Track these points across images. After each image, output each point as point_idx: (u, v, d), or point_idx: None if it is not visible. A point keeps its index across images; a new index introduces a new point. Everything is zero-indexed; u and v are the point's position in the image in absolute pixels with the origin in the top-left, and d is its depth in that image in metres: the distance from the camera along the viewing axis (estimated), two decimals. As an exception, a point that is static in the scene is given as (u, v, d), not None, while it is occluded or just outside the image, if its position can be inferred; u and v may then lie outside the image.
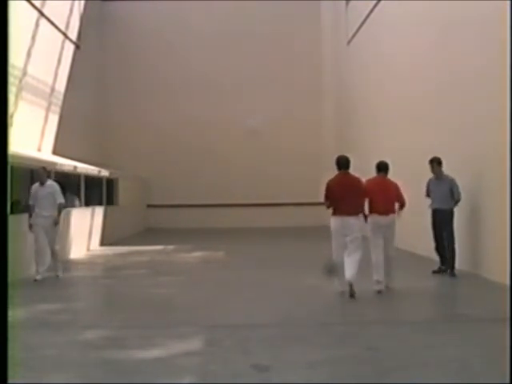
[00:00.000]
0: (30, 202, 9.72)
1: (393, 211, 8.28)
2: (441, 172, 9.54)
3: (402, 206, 8.44)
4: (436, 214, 9.58)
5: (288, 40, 22.88)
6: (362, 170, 10.06)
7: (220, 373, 4.64)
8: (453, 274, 9.24)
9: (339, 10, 21.06)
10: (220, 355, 5.10)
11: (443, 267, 9.51)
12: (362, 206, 8.04)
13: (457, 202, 9.36)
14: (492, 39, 8.63)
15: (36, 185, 9.88)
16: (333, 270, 7.83)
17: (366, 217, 8.15)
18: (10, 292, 7.55)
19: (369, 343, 5.43)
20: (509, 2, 7.93)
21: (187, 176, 22.49)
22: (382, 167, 8.42)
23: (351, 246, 7.69)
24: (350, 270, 7.56)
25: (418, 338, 5.67)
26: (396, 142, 13.88)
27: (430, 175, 9.71)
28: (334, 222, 7.79)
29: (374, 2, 15.82)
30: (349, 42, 19.53)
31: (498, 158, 8.30)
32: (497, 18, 8.40)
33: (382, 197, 8.12)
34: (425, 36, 12.00)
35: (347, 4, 19.86)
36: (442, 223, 9.46)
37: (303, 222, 21.31)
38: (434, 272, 9.52)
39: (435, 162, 9.54)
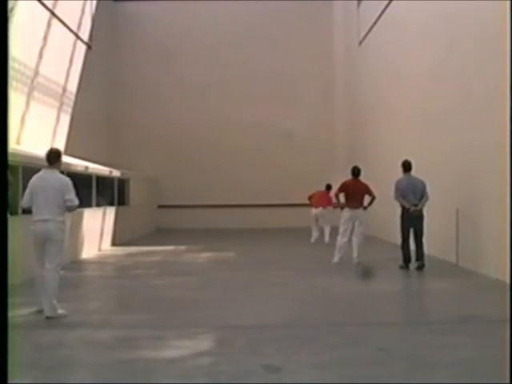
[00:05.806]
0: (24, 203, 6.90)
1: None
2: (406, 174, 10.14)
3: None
4: None
5: (300, 40, 22.84)
6: (375, 170, 10.08)
7: (231, 373, 4.63)
8: (403, 267, 9.92)
9: (351, 11, 21.00)
10: (231, 356, 5.09)
11: (419, 262, 9.82)
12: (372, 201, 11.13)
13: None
14: (505, 39, 8.56)
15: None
16: (369, 273, 9.41)
17: (365, 208, 11.11)
18: (21, 291, 7.61)
19: (380, 344, 5.39)
20: (508, 3, 7.95)
21: (198, 176, 22.48)
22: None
23: (359, 228, 10.89)
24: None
25: (430, 338, 5.62)
26: (410, 141, 13.79)
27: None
28: (346, 212, 10.89)
29: (386, 2, 15.75)
30: (360, 43, 19.47)
31: (498, 155, 8.33)
32: (503, 17, 8.34)
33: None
34: (436, 36, 11.92)
35: (359, 4, 19.80)
36: None
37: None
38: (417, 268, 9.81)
39: (406, 165, 10.18)
